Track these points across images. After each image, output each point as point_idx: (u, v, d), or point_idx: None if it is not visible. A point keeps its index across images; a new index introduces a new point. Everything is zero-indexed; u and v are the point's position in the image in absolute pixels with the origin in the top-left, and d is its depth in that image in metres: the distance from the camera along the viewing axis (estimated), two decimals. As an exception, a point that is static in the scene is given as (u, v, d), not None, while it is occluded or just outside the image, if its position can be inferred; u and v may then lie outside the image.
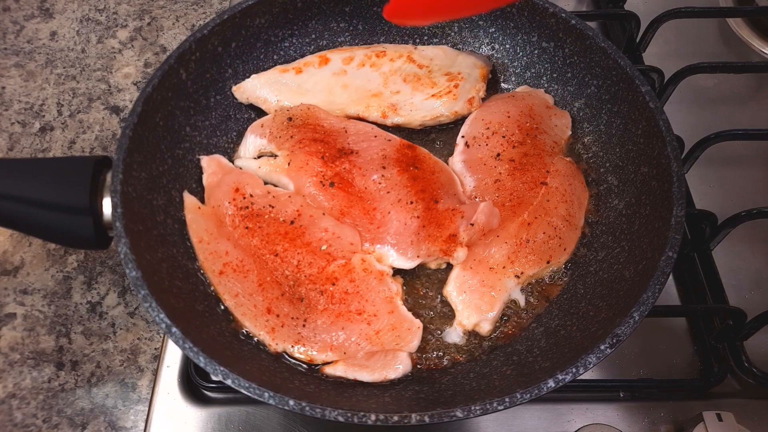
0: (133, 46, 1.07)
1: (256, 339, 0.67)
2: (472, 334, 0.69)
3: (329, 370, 0.64)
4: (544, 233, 0.73)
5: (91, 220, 0.66)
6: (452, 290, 0.70)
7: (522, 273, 0.71)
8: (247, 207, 0.73)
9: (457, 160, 0.79)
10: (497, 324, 0.70)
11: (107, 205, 0.66)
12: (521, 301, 0.71)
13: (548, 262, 0.72)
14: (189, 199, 0.74)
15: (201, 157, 0.77)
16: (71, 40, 1.07)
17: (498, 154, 0.78)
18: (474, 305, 0.69)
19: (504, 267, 0.71)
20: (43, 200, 0.65)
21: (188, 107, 0.78)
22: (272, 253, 0.70)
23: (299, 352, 0.65)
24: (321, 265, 0.69)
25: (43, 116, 0.98)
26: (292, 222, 0.72)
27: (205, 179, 0.76)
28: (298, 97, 0.83)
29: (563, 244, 0.73)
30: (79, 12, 1.10)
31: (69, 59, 1.05)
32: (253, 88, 0.82)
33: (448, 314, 0.71)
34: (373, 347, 0.65)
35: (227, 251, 0.70)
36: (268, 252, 0.70)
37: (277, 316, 0.66)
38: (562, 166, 0.78)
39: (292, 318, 0.67)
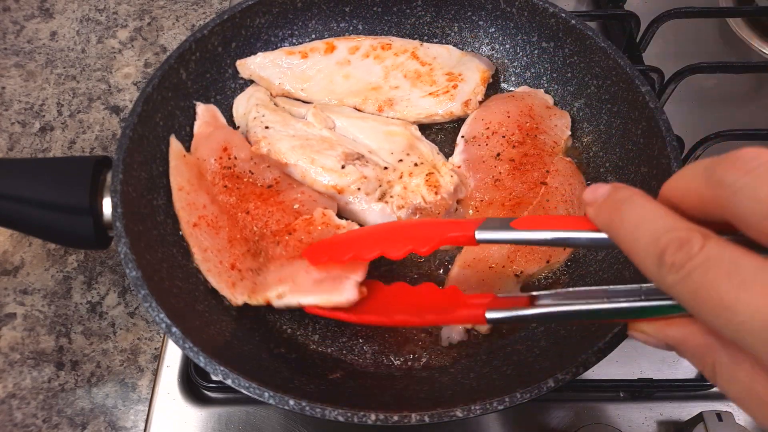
0: (133, 46, 1.07)
1: (257, 338, 0.67)
2: (471, 334, 0.69)
3: (277, 302, 0.64)
4: None
5: (91, 220, 0.66)
6: (451, 284, 0.70)
7: (522, 272, 0.71)
8: (230, 168, 0.73)
9: (457, 160, 0.79)
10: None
11: (107, 205, 0.66)
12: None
13: (548, 262, 0.72)
14: (175, 145, 0.73)
15: (197, 103, 0.78)
16: (71, 40, 1.07)
17: (498, 154, 0.78)
18: None
19: (504, 266, 0.71)
20: (43, 200, 0.65)
21: (188, 107, 0.78)
22: (244, 210, 0.71)
23: (256, 300, 0.65)
24: (287, 222, 0.70)
25: (43, 116, 0.98)
26: (269, 186, 0.73)
27: (197, 127, 0.76)
28: (300, 83, 0.83)
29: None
30: (79, 12, 1.10)
31: (69, 59, 1.05)
32: (258, 67, 0.83)
33: (448, 314, 0.71)
34: (320, 275, 0.64)
35: (204, 204, 0.70)
36: (241, 210, 0.71)
37: (239, 270, 0.67)
38: (562, 166, 0.78)
39: (251, 270, 0.67)
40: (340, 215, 0.76)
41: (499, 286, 0.70)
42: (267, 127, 0.77)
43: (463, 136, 0.81)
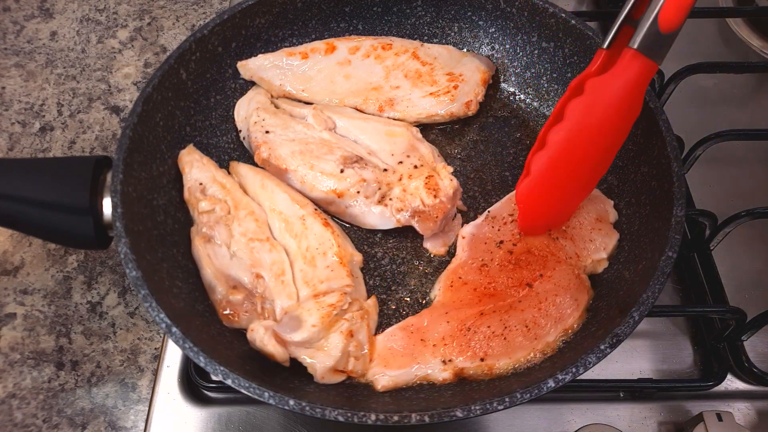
0: (133, 46, 1.07)
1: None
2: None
3: None
4: (488, 328, 0.65)
5: (91, 220, 0.66)
6: (381, 337, 0.67)
7: (450, 361, 0.64)
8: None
9: (467, 230, 0.74)
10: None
11: (107, 205, 0.66)
12: (438, 378, 0.64)
13: (482, 360, 0.64)
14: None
15: None
16: (71, 40, 1.07)
17: (501, 242, 0.72)
18: (385, 358, 0.65)
19: (435, 345, 0.65)
20: (43, 200, 0.65)
21: (188, 107, 0.78)
22: None
23: None
24: None
25: (43, 116, 0.98)
26: None
27: None
28: (300, 83, 0.84)
29: (508, 350, 0.64)
30: (79, 12, 1.10)
31: (69, 59, 1.05)
32: (258, 68, 0.83)
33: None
34: None
35: None
36: None
37: None
38: (560, 277, 0.69)
39: None
40: (340, 219, 0.76)
41: (420, 361, 0.64)
42: (267, 132, 0.77)
43: (489, 211, 0.76)
